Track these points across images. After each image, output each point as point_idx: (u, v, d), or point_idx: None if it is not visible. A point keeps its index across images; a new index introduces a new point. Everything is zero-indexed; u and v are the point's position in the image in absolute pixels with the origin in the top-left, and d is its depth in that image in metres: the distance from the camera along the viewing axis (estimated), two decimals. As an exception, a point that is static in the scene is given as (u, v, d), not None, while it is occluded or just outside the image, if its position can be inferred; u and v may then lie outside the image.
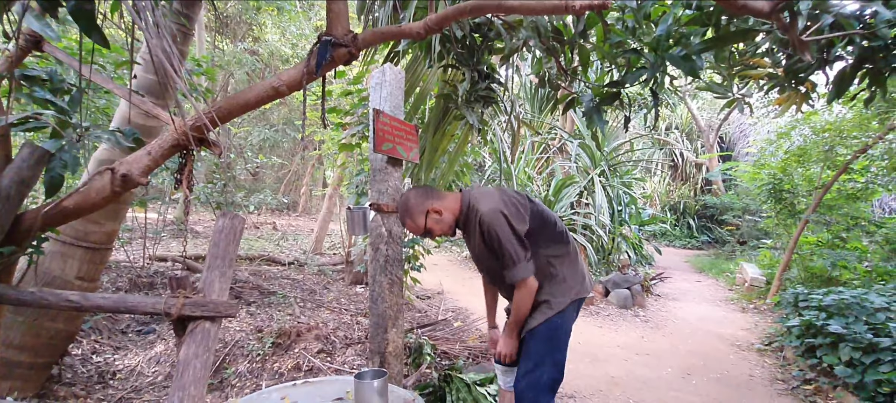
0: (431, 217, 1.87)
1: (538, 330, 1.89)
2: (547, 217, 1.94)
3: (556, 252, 1.93)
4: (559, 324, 1.89)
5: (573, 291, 1.92)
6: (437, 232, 1.90)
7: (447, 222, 1.89)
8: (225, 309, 1.39)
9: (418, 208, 1.87)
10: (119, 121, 2.77)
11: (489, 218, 1.75)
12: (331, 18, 1.51)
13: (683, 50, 1.81)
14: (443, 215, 1.88)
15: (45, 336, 2.68)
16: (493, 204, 1.78)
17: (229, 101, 1.52)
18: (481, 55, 2.46)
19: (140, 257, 5.34)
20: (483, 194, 1.86)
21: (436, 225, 1.88)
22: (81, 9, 0.79)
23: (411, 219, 1.89)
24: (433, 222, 1.87)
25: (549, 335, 1.89)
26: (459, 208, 1.90)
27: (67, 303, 1.34)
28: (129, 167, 1.47)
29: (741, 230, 11.45)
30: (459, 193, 1.94)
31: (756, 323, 5.60)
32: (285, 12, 10.56)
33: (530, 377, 1.86)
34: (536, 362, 1.87)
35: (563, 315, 1.90)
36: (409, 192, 1.93)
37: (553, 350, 1.89)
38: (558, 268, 1.92)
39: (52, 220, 1.52)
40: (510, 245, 1.75)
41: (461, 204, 1.90)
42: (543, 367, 1.86)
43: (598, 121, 2.16)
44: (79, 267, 2.73)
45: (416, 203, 1.88)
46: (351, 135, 3.90)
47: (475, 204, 1.83)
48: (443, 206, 1.89)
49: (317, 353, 3.52)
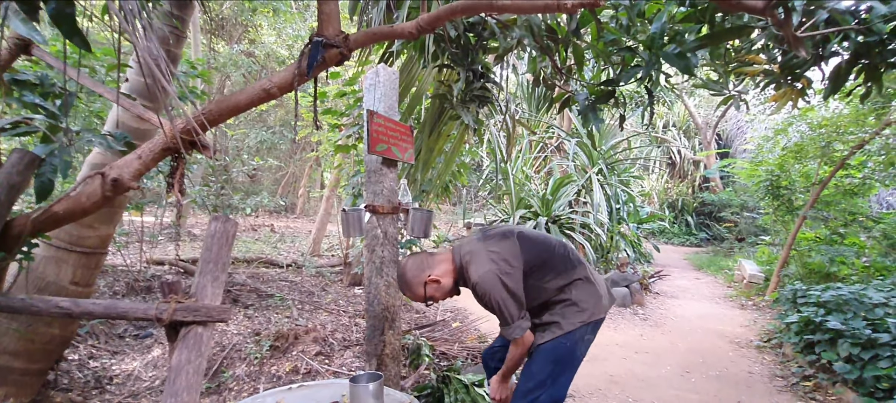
0: (430, 286, 1.85)
1: (544, 347, 1.84)
2: (545, 248, 1.88)
3: (565, 280, 1.87)
4: (566, 345, 1.83)
5: (586, 313, 1.85)
6: (439, 298, 1.89)
7: (447, 287, 1.88)
8: (218, 313, 1.37)
9: (416, 280, 1.85)
10: (111, 125, 2.75)
11: (484, 285, 1.73)
12: (322, 19, 1.49)
13: (678, 47, 1.80)
14: (441, 282, 1.86)
15: (39, 342, 2.66)
16: (485, 268, 1.75)
17: (220, 104, 1.51)
18: (476, 55, 2.45)
19: (137, 261, 5.32)
20: (473, 255, 1.81)
21: (436, 293, 1.87)
22: (62, 12, 0.78)
23: (411, 291, 1.87)
24: (433, 290, 1.86)
25: (556, 355, 1.82)
26: (454, 268, 1.88)
27: (58, 310, 1.32)
28: (120, 171, 1.45)
29: (739, 227, 11.46)
30: (450, 253, 1.92)
31: (755, 319, 5.60)
32: (281, 14, 10.54)
33: (529, 396, 1.81)
34: (538, 382, 1.81)
35: (572, 336, 1.83)
36: (405, 263, 1.90)
37: (557, 373, 1.82)
38: (569, 294, 1.87)
39: (43, 226, 1.51)
40: (504, 306, 1.73)
41: (454, 264, 1.88)
42: (543, 388, 1.81)
43: (594, 120, 2.15)
44: (73, 272, 2.71)
45: (413, 275, 1.86)
46: (347, 136, 3.89)
47: (467, 267, 1.81)
48: (440, 273, 1.86)
49: (315, 356, 3.50)
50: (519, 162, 7.82)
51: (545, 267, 1.84)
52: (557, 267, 1.86)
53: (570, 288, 1.86)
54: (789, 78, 2.36)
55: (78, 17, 1.02)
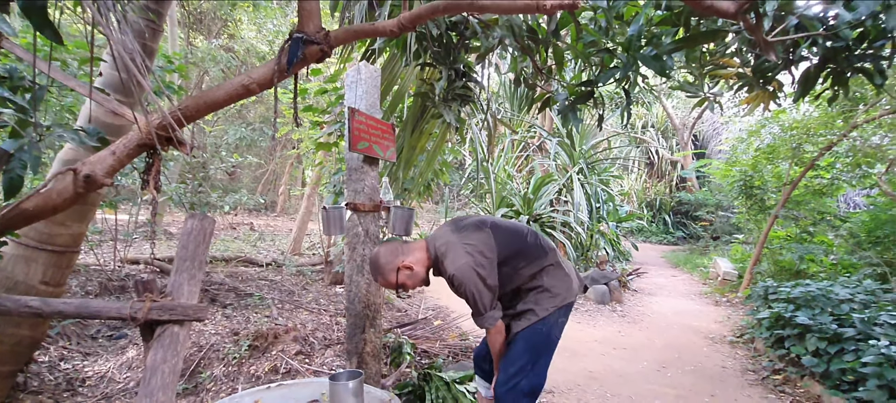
0: (403, 273, 1.87)
1: (522, 334, 1.90)
2: (517, 236, 1.93)
3: (537, 267, 1.92)
4: (543, 330, 1.90)
5: (558, 298, 1.92)
6: (411, 286, 1.90)
7: (419, 276, 1.89)
8: (194, 312, 1.35)
9: (389, 266, 1.86)
10: (84, 120, 2.67)
11: (459, 276, 1.76)
12: (302, 16, 1.48)
13: (654, 50, 1.84)
14: (414, 269, 1.87)
15: (8, 343, 2.57)
16: (461, 261, 1.77)
17: (197, 100, 1.48)
18: (458, 54, 2.46)
19: (110, 260, 5.18)
20: (448, 247, 1.83)
21: (408, 281, 1.88)
22: (32, 4, 0.76)
23: (383, 277, 1.88)
24: (405, 278, 1.87)
25: (534, 341, 1.89)
26: (428, 257, 1.90)
27: (27, 309, 1.29)
28: (93, 168, 1.42)
29: (714, 225, 11.76)
30: (424, 242, 1.94)
31: (729, 315, 5.76)
32: (261, 8, 10.37)
33: (510, 382, 1.86)
34: (518, 367, 1.87)
35: (547, 321, 1.90)
36: (378, 250, 1.92)
37: (535, 357, 1.89)
38: (541, 280, 1.93)
39: (11, 223, 1.46)
40: (478, 297, 1.77)
41: (428, 252, 1.90)
42: (523, 373, 1.87)
43: (573, 120, 2.19)
44: (43, 271, 2.62)
45: (386, 261, 1.87)
46: (328, 133, 3.86)
47: (443, 259, 1.83)
48: (413, 261, 1.88)
49: (295, 355, 3.47)
50: (501, 161, 7.87)
51: (518, 256, 1.89)
52: (530, 255, 1.91)
53: (542, 275, 1.92)
54: (761, 81, 2.44)
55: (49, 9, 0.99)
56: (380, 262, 1.87)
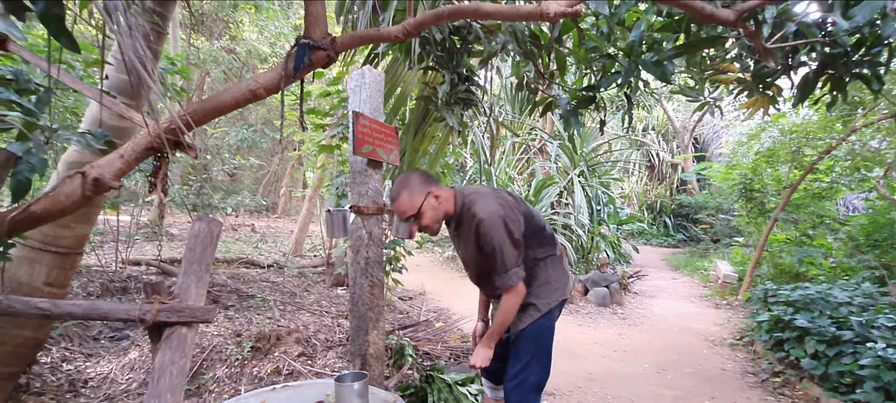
0: (430, 201, 1.79)
1: (526, 332, 1.92)
2: (536, 219, 1.95)
3: (544, 254, 1.94)
4: (545, 326, 1.93)
5: (558, 293, 1.95)
6: (428, 219, 1.80)
7: (441, 213, 1.82)
8: (202, 314, 1.37)
9: (419, 188, 1.79)
10: (90, 122, 2.69)
11: (489, 223, 1.72)
12: (309, 21, 1.50)
13: (656, 55, 1.86)
14: (440, 203, 1.81)
15: (10, 345, 2.59)
16: (492, 208, 1.74)
17: (205, 104, 1.50)
18: (460, 58, 2.48)
19: (112, 261, 5.19)
20: (479, 195, 1.81)
21: (429, 211, 1.79)
22: (50, 12, 0.78)
23: (408, 194, 1.78)
24: (429, 207, 1.79)
25: (537, 336, 1.92)
26: (454, 204, 1.85)
27: (37, 311, 1.30)
28: (101, 171, 1.43)
29: (715, 228, 11.78)
30: (452, 190, 1.90)
31: (729, 318, 5.78)
32: (263, 10, 10.40)
33: (518, 378, 1.89)
34: (525, 363, 1.90)
35: (549, 317, 1.94)
36: (409, 173, 1.85)
37: (540, 352, 1.92)
38: (544, 270, 1.95)
39: (20, 225, 1.48)
40: (506, 250, 1.74)
41: (455, 200, 1.85)
42: (530, 369, 1.90)
43: (575, 124, 2.21)
44: (47, 272, 2.64)
45: (418, 183, 1.80)
46: (330, 136, 3.88)
47: (471, 205, 1.79)
48: (442, 195, 1.82)
49: (297, 357, 3.48)
50: (502, 163, 7.89)
51: (534, 236, 1.90)
52: (542, 240, 1.93)
53: (547, 264, 1.93)
54: (761, 86, 2.46)
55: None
56: (411, 181, 1.80)
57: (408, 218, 1.80)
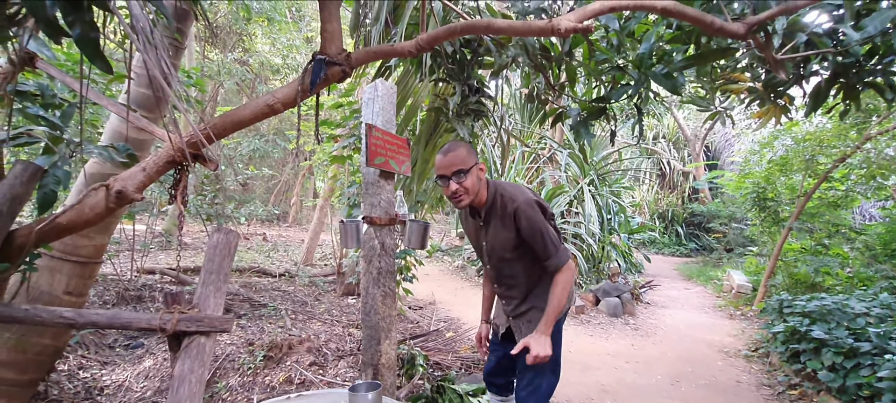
0: (476, 172, 1.81)
1: None
2: (554, 220, 1.98)
3: None
4: (554, 332, 1.92)
5: (567, 302, 1.95)
6: (470, 183, 1.79)
7: (479, 188, 1.84)
8: (220, 323, 1.40)
9: (470, 159, 1.81)
10: (110, 135, 2.76)
11: (529, 209, 1.75)
12: (325, 38, 1.54)
13: (666, 67, 1.88)
14: (481, 180, 1.84)
15: (31, 352, 2.64)
16: (528, 196, 1.79)
17: (224, 118, 1.55)
18: (471, 70, 2.51)
19: (128, 270, 5.28)
20: (511, 186, 1.86)
21: (473, 184, 1.80)
22: (87, 36, 0.82)
23: (466, 152, 1.80)
24: (475, 179, 1.81)
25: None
26: (487, 195, 1.87)
27: (62, 320, 1.34)
28: (125, 184, 1.48)
29: (728, 237, 11.64)
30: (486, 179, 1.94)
31: (743, 329, 5.69)
32: (276, 23, 10.59)
33: (532, 386, 1.89)
34: (537, 371, 1.89)
35: (558, 324, 1.95)
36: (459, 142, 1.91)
37: (551, 359, 1.90)
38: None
39: (46, 236, 1.53)
40: (549, 232, 1.78)
41: (487, 192, 1.87)
42: (544, 375, 1.90)
43: (585, 135, 2.22)
44: (67, 281, 2.70)
45: (469, 155, 1.82)
46: (342, 147, 3.93)
47: (505, 194, 1.82)
48: (483, 176, 1.86)
49: (309, 366, 3.51)
50: (512, 172, 7.91)
51: None
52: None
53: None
54: (772, 95, 2.46)
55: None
56: (467, 147, 1.84)
57: (454, 173, 1.78)
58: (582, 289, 6.74)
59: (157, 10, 1.54)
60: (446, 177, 1.79)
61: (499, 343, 2.15)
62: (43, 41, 1.49)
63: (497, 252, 1.90)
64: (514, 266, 1.88)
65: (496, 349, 2.16)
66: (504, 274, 1.95)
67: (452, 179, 1.78)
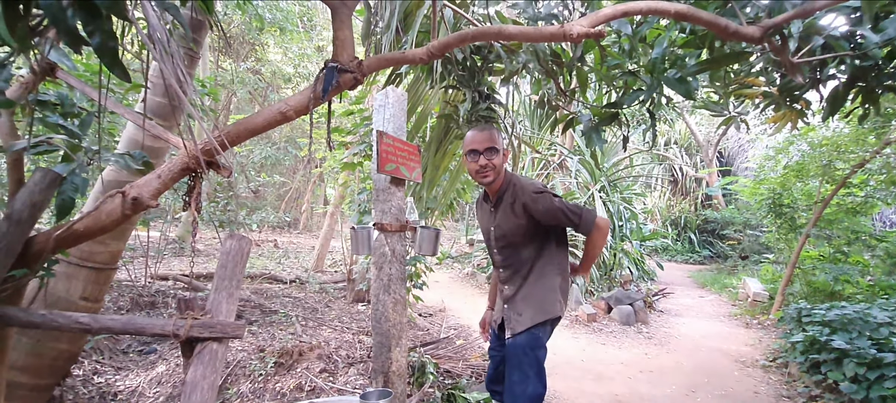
0: (503, 155, 1.96)
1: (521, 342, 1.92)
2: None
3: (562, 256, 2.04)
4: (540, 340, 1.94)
5: (559, 306, 1.97)
6: (498, 162, 1.95)
7: (502, 171, 1.98)
8: (232, 330, 1.41)
9: (501, 141, 1.98)
10: (126, 143, 2.81)
11: (541, 197, 1.86)
12: (337, 45, 1.56)
13: (679, 72, 1.85)
14: (503, 165, 1.99)
15: (48, 357, 2.68)
16: (538, 185, 1.92)
17: (238, 126, 1.56)
18: (481, 76, 2.51)
19: (141, 276, 5.35)
20: (525, 178, 1.99)
21: (500, 165, 1.95)
22: (106, 45, 0.84)
23: (494, 138, 1.94)
24: (501, 161, 1.96)
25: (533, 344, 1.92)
26: (502, 183, 2.01)
27: (78, 325, 1.36)
28: (140, 190, 1.50)
29: (743, 244, 11.45)
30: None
31: (760, 338, 5.58)
32: (287, 32, 10.73)
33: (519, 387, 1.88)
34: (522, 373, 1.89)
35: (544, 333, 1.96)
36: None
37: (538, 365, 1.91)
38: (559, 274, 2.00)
39: (64, 243, 1.55)
40: (567, 208, 1.86)
41: (503, 180, 2.01)
42: (528, 379, 1.88)
43: (597, 141, 2.20)
44: (83, 287, 2.74)
45: (501, 137, 2.00)
46: (353, 154, 3.95)
47: (518, 181, 1.95)
48: (506, 163, 2.01)
49: (319, 373, 3.51)
50: (522, 179, 7.86)
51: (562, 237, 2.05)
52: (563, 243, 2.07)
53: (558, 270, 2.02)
54: (788, 100, 2.42)
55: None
56: (497, 132, 1.99)
57: (487, 149, 1.93)
58: (594, 297, 6.67)
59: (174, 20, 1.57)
60: (478, 151, 1.94)
61: (498, 347, 2.15)
62: (63, 51, 1.52)
63: (505, 236, 1.99)
64: (519, 252, 1.97)
65: (495, 355, 2.18)
66: (507, 259, 2.03)
67: (484, 154, 1.93)
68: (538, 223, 1.91)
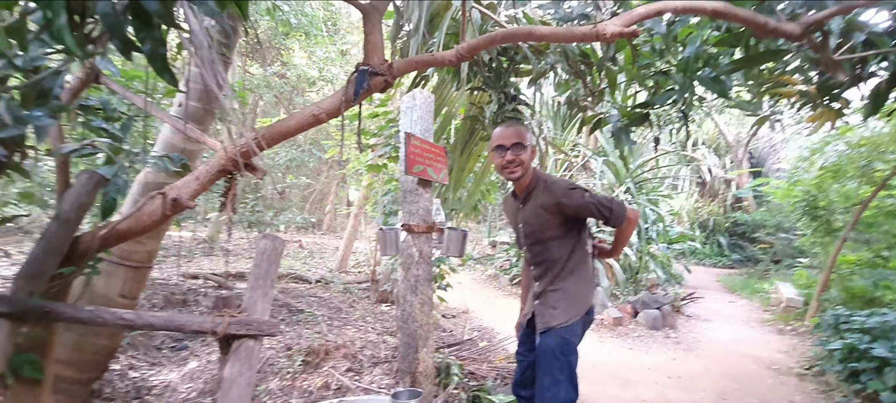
0: (531, 152, 1.96)
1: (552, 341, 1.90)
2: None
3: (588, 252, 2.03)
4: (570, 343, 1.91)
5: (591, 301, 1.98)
6: (526, 157, 1.95)
7: (529, 167, 1.98)
8: (267, 327, 1.44)
9: (529, 138, 1.97)
10: (162, 146, 2.91)
11: (575, 193, 1.87)
12: (368, 49, 1.58)
13: (712, 71, 1.82)
14: (534, 158, 2.00)
15: (89, 352, 2.79)
16: (567, 182, 1.94)
17: (272, 129, 1.60)
18: (508, 78, 2.51)
19: (172, 274, 5.53)
20: (553, 176, 2.01)
21: (527, 161, 1.95)
22: (156, 52, 0.88)
23: (521, 134, 1.94)
24: (528, 158, 1.95)
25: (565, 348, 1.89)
26: (530, 180, 2.00)
27: (122, 321, 1.42)
28: (180, 192, 1.55)
29: (775, 248, 11.08)
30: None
31: (794, 345, 5.38)
32: (312, 37, 10.91)
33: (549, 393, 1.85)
34: (553, 378, 1.86)
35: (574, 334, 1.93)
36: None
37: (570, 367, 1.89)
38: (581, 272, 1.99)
39: (108, 242, 1.62)
40: (598, 202, 1.86)
41: (532, 178, 2.01)
42: (559, 384, 1.85)
43: (627, 142, 2.17)
44: (122, 285, 2.84)
45: (529, 134, 1.99)
46: (378, 156, 3.99)
47: (548, 181, 1.96)
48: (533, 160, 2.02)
49: (345, 372, 3.55)
50: (545, 181, 7.79)
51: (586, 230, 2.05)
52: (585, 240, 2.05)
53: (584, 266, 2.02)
54: (826, 99, 2.34)
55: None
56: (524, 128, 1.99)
57: (514, 144, 1.92)
58: (619, 300, 6.56)
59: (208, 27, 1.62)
60: (505, 147, 1.93)
61: (526, 351, 2.12)
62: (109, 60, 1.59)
63: (534, 233, 1.98)
64: (549, 249, 1.96)
65: (523, 359, 2.14)
66: (537, 255, 2.02)
67: (510, 150, 1.92)
68: (568, 219, 1.90)
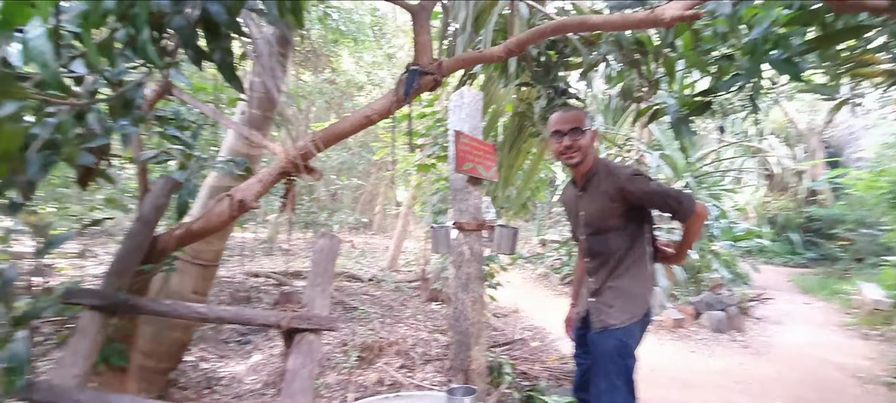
0: (591, 136, 1.88)
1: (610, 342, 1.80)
2: None
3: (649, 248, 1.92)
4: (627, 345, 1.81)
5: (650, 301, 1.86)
6: (585, 141, 1.85)
7: (588, 153, 1.88)
8: (327, 322, 1.50)
9: (588, 122, 1.89)
10: (227, 151, 3.09)
11: (640, 179, 1.78)
12: (417, 50, 1.60)
13: (783, 52, 1.69)
14: (594, 143, 1.91)
15: (165, 344, 3.02)
16: (631, 169, 1.84)
17: (326, 132, 1.67)
18: (557, 72, 2.46)
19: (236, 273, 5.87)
20: (615, 163, 1.91)
21: (586, 147, 1.86)
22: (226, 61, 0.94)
23: (579, 119, 1.86)
24: (588, 143, 1.87)
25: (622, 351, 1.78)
26: (591, 166, 1.91)
27: (196, 315, 1.52)
28: (245, 193, 1.65)
29: (856, 245, 10.12)
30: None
31: (882, 351, 4.90)
32: (360, 43, 11.20)
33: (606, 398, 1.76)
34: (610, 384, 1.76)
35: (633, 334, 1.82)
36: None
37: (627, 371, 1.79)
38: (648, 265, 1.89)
39: (183, 241, 1.75)
40: (666, 192, 1.78)
41: (593, 164, 1.91)
42: (616, 390, 1.76)
43: (686, 133, 2.06)
44: (194, 282, 3.05)
45: (587, 118, 1.91)
46: (427, 155, 4.03)
47: (611, 167, 1.86)
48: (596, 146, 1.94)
49: (398, 368, 3.61)
50: (596, 177, 7.56)
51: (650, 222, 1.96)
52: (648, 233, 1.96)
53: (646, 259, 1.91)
54: (919, 77, 2.11)
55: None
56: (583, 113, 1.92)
57: (572, 129, 1.84)
58: (679, 301, 6.24)
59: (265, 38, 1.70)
60: (562, 132, 1.84)
61: (583, 354, 2.04)
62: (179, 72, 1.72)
63: (593, 222, 1.88)
64: (608, 241, 1.85)
65: (582, 362, 2.06)
66: (594, 246, 1.92)
67: (568, 136, 1.83)
68: (631, 209, 1.79)
